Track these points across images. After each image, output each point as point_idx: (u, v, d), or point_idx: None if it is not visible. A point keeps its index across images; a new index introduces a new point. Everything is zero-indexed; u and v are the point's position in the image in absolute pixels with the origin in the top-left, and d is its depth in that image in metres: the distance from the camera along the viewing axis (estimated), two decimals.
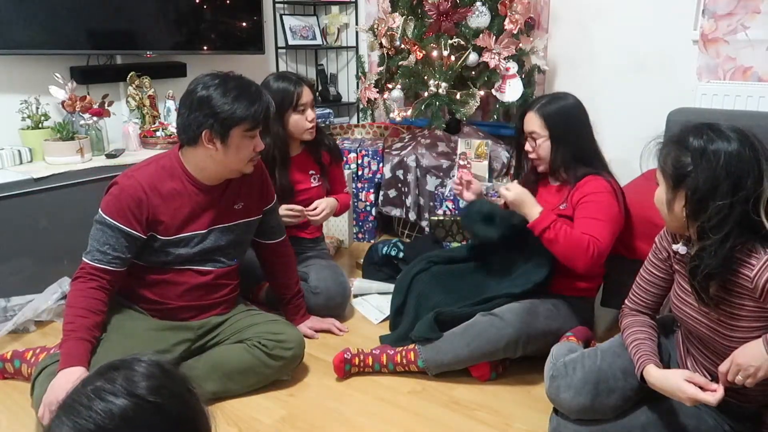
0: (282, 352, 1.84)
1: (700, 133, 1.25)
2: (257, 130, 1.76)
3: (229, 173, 1.82)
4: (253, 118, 1.71)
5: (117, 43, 2.96)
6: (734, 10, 2.59)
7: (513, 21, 2.82)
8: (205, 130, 1.69)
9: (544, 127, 1.97)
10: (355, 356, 1.95)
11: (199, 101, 1.69)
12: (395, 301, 2.21)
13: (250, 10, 3.48)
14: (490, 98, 3.10)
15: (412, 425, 1.74)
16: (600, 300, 2.24)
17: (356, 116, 4.14)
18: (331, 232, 3.21)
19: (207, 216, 1.83)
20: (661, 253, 1.48)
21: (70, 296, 1.70)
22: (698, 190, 1.22)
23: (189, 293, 1.85)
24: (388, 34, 3.03)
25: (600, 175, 1.96)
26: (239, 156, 1.76)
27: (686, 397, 1.27)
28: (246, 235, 1.97)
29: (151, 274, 1.82)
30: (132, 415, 0.76)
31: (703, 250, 1.24)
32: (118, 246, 1.70)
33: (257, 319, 1.92)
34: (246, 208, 1.92)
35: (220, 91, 1.69)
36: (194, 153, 1.76)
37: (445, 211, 2.98)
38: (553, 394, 1.50)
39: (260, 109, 1.73)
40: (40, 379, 1.64)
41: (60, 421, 0.76)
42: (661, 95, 2.81)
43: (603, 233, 1.84)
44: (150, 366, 0.82)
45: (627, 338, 1.48)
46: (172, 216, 1.77)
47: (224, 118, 1.68)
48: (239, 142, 1.73)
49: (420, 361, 1.92)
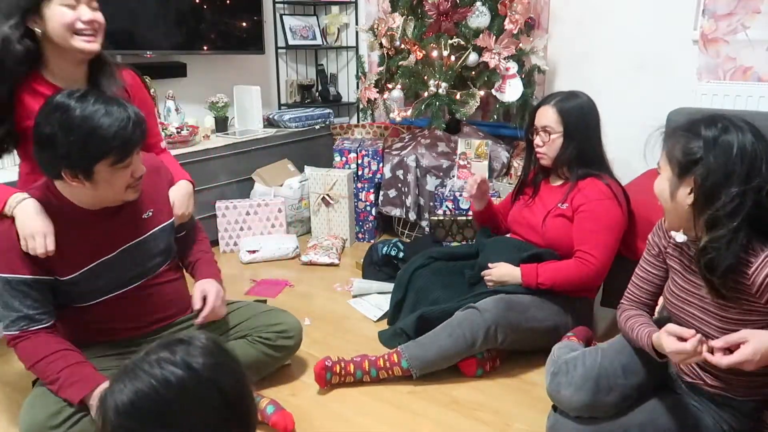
0: (285, 341, 1.85)
1: (713, 123, 1.25)
2: (129, 158, 1.45)
3: (111, 203, 1.55)
4: (116, 151, 1.40)
5: (117, 43, 2.95)
6: (734, 10, 2.59)
7: (513, 21, 2.82)
8: (63, 170, 1.42)
9: (560, 122, 1.98)
10: (335, 364, 1.87)
11: (46, 140, 1.39)
12: (395, 296, 2.22)
13: (250, 10, 3.48)
14: (490, 98, 3.10)
15: (412, 425, 1.74)
16: (600, 300, 2.24)
17: (356, 116, 4.14)
18: (333, 232, 3.22)
19: (110, 238, 1.58)
20: (653, 248, 1.48)
21: (28, 353, 1.50)
22: (710, 177, 1.21)
23: (135, 313, 1.66)
24: (388, 34, 3.03)
25: (601, 178, 1.97)
26: (114, 189, 1.48)
27: (670, 351, 1.25)
28: (168, 237, 1.73)
29: (83, 315, 1.61)
30: (188, 386, 0.82)
31: (717, 240, 1.22)
32: (30, 301, 1.49)
33: (248, 312, 1.88)
34: (157, 213, 1.68)
35: (65, 127, 1.37)
36: (64, 185, 1.49)
37: (445, 211, 2.98)
38: (553, 391, 1.51)
39: (123, 137, 1.40)
40: (28, 400, 1.54)
41: (122, 385, 0.82)
42: (661, 95, 2.81)
43: (598, 246, 1.92)
44: (209, 342, 0.87)
45: (628, 326, 1.48)
46: (65, 251, 1.51)
47: (78, 160, 1.40)
48: (109, 176, 1.44)
49: (404, 362, 1.87)
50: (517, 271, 1.97)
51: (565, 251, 2.01)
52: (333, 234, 3.20)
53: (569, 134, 1.98)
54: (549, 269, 1.95)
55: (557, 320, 1.96)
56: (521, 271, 1.97)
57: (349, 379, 1.87)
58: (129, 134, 1.41)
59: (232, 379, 0.87)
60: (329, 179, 3.15)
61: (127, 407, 0.81)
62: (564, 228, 2.00)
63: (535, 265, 1.97)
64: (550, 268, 1.96)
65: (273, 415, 1.66)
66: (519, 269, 1.97)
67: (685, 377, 1.46)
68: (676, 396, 1.48)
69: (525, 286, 1.96)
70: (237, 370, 0.89)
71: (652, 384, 1.49)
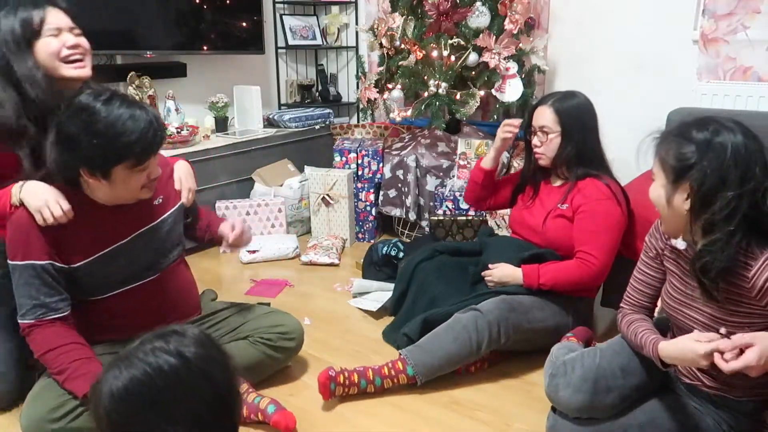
0: (286, 343, 1.85)
1: (703, 126, 1.23)
2: (147, 162, 1.50)
3: (125, 201, 1.59)
4: (136, 156, 1.45)
5: (117, 43, 2.96)
6: (734, 10, 2.59)
7: (513, 21, 2.82)
8: (81, 168, 1.47)
9: (557, 122, 1.98)
10: (339, 374, 1.79)
11: (69, 141, 1.43)
12: (398, 289, 2.23)
13: (250, 10, 3.48)
14: (490, 98, 3.09)
15: (412, 425, 1.74)
16: (600, 300, 2.24)
17: (356, 116, 4.14)
18: (333, 232, 3.22)
19: (123, 225, 1.62)
20: (651, 251, 1.48)
21: (41, 342, 1.51)
22: (706, 182, 1.20)
23: (148, 309, 1.68)
24: (388, 34, 3.03)
25: (600, 178, 1.97)
26: (129, 189, 1.53)
27: (701, 354, 1.20)
28: (178, 225, 1.77)
29: (97, 309, 1.63)
30: (181, 375, 0.85)
31: (713, 245, 1.22)
32: (46, 289, 1.51)
33: (250, 315, 1.90)
34: (167, 199, 1.73)
35: (90, 130, 1.41)
36: (81, 182, 1.54)
37: (445, 211, 2.98)
38: (552, 392, 1.50)
39: (144, 142, 1.44)
40: (32, 393, 1.56)
41: (118, 371, 0.85)
42: (661, 95, 2.81)
43: (599, 247, 1.92)
44: (201, 335, 0.91)
45: (631, 331, 1.47)
46: (79, 238, 1.55)
47: (99, 162, 1.44)
48: (126, 177, 1.49)
49: (409, 368, 1.82)
50: (518, 272, 1.97)
51: (565, 251, 2.01)
52: (333, 234, 3.20)
53: (567, 134, 1.99)
54: (550, 270, 1.95)
55: (558, 320, 1.96)
56: (523, 272, 1.97)
57: (353, 390, 1.80)
58: (150, 139, 1.46)
59: (222, 372, 0.90)
60: (329, 179, 3.15)
61: (122, 393, 0.84)
62: (564, 228, 2.00)
63: (537, 265, 1.97)
64: (551, 268, 1.96)
65: (274, 414, 1.66)
66: (520, 270, 1.97)
67: (684, 378, 1.46)
68: (676, 396, 1.48)
69: (526, 286, 1.95)
70: (227, 365, 0.92)
71: (652, 385, 1.49)
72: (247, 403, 1.70)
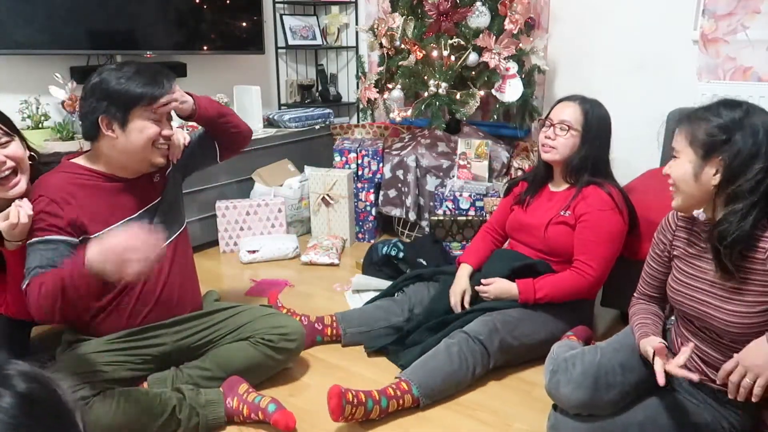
0: (287, 344, 1.86)
1: (736, 105, 1.30)
2: (161, 99, 1.65)
3: (138, 163, 1.73)
4: (151, 94, 1.63)
5: (117, 43, 2.96)
6: (734, 10, 2.59)
7: (513, 21, 2.83)
8: (101, 115, 1.62)
9: (581, 123, 1.99)
10: (348, 391, 1.68)
11: (92, 87, 1.63)
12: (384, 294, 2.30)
13: (250, 10, 3.48)
14: (490, 98, 3.10)
15: (412, 425, 1.74)
16: (600, 300, 2.24)
17: (356, 116, 4.14)
18: (333, 232, 3.22)
19: (131, 201, 1.76)
20: (658, 245, 1.51)
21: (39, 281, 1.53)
22: (738, 156, 1.25)
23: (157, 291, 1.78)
24: (388, 34, 3.03)
25: (603, 186, 1.97)
26: (143, 139, 1.66)
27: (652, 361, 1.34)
28: (177, 194, 1.92)
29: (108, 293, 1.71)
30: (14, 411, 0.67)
31: (734, 214, 1.26)
32: (58, 256, 1.59)
33: (249, 315, 1.90)
34: (162, 174, 1.86)
35: (115, 73, 1.62)
36: (97, 149, 1.71)
37: (445, 211, 2.98)
38: (553, 388, 1.51)
39: (160, 85, 1.64)
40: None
41: None
42: (661, 95, 2.82)
43: (597, 258, 1.94)
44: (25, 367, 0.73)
45: (632, 320, 1.52)
46: (93, 212, 1.68)
47: (119, 98, 1.61)
48: (141, 124, 1.65)
49: (414, 388, 1.76)
50: (514, 288, 1.97)
51: (564, 258, 2.01)
52: (333, 234, 3.20)
53: (586, 137, 1.99)
54: (546, 284, 1.96)
55: (551, 328, 1.97)
56: (518, 287, 1.96)
57: (360, 410, 1.68)
58: (164, 77, 1.67)
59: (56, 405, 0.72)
60: (329, 179, 3.15)
61: None
62: (565, 235, 2.00)
63: (531, 280, 1.97)
64: (547, 282, 1.96)
65: (274, 413, 1.66)
66: (515, 285, 1.97)
67: None
68: (675, 394, 1.48)
69: (522, 302, 1.95)
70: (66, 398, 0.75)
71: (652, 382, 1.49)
72: (247, 402, 1.70)
